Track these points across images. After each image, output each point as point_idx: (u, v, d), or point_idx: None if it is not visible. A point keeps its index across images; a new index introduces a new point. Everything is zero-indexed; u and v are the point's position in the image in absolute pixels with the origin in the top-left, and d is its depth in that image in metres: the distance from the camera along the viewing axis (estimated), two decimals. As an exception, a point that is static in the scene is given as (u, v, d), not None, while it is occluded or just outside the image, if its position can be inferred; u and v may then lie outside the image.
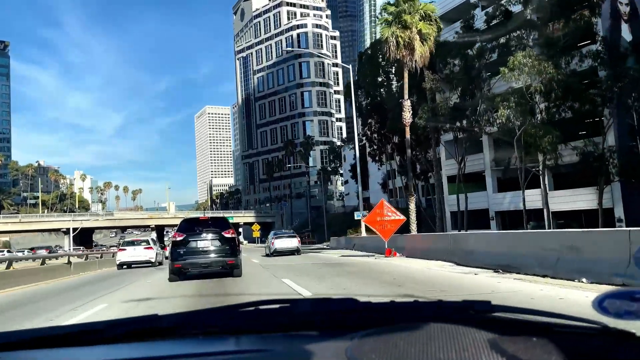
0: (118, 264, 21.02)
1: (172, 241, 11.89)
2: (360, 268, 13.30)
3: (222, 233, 11.42)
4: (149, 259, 21.17)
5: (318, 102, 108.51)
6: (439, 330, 0.85)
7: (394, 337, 0.85)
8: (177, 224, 12.52)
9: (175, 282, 11.09)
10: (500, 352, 0.80)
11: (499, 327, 0.87)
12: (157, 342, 1.04)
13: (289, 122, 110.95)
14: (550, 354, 0.80)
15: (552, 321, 0.92)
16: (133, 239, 24.08)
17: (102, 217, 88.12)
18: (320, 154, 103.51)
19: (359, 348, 0.84)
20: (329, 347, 0.88)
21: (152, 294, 9.53)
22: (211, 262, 11.21)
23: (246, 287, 9.68)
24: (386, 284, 8.97)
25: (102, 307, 7.68)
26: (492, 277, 9.13)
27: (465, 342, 0.82)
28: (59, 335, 1.07)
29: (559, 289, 6.98)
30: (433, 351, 0.80)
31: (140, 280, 13.62)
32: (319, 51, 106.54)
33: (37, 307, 8.62)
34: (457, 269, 10.98)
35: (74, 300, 9.11)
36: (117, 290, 10.87)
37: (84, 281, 15.15)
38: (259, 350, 0.93)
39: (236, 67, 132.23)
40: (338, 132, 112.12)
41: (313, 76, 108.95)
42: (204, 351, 0.95)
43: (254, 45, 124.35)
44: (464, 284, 8.48)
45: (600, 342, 0.87)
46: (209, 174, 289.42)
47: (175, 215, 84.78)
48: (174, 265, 11.18)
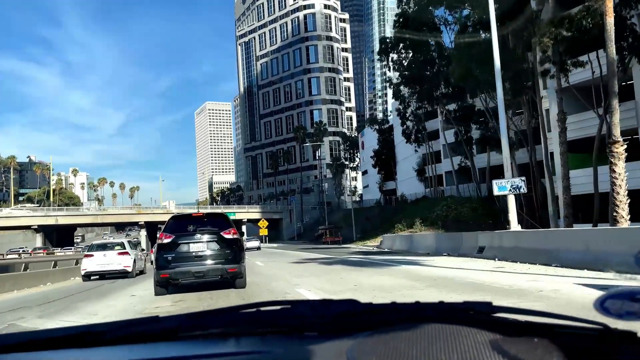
0: (83, 274, 18.10)
1: (157, 244, 10.21)
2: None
3: (220, 233, 9.97)
4: (124, 268, 18.07)
5: (327, 89, 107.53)
6: (440, 331, 0.91)
7: (395, 338, 0.91)
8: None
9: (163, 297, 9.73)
10: (502, 353, 0.84)
11: (501, 328, 0.94)
12: (157, 344, 1.11)
13: (295, 111, 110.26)
14: (552, 355, 0.84)
15: (554, 322, 0.98)
16: (105, 242, 20.80)
17: (82, 213, 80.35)
18: (330, 145, 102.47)
19: (360, 350, 0.90)
20: (329, 349, 0.94)
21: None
22: (207, 271, 9.71)
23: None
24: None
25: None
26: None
27: (466, 343, 0.87)
28: (58, 338, 1.14)
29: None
30: (434, 353, 0.85)
31: (104, 300, 10.77)
32: (327, 34, 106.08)
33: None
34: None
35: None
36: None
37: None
38: (259, 351, 0.99)
39: (237, 54, 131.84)
40: (348, 122, 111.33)
41: (321, 61, 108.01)
42: (205, 353, 1.02)
43: (257, 29, 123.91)
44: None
45: (602, 343, 0.92)
46: (209, 171, 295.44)
47: (169, 210, 78.83)
48: (160, 275, 9.74)
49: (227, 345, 1.07)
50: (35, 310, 9.42)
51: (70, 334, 1.15)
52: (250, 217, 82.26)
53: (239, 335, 1.09)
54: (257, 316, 1.11)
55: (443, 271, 12.45)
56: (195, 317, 1.15)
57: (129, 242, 20.45)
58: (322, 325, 1.04)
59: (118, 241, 20.28)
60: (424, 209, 45.52)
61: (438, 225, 37.94)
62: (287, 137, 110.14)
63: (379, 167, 71.85)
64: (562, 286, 8.06)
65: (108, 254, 18.22)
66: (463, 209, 39.01)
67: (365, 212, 64.08)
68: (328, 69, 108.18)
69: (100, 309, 9.03)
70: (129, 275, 18.05)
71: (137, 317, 7.01)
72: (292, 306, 1.13)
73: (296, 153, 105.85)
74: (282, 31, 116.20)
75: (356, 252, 28.14)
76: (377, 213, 61.15)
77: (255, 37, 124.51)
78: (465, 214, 37.96)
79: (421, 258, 18.09)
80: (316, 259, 21.48)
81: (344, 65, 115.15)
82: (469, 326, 0.92)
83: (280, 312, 1.11)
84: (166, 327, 1.12)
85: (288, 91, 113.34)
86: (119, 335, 1.13)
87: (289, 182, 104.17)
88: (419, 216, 42.44)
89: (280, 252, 36.46)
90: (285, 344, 1.04)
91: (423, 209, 45.30)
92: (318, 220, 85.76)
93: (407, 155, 61.92)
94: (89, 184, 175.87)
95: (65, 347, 1.12)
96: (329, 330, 1.02)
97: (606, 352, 0.90)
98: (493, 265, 13.21)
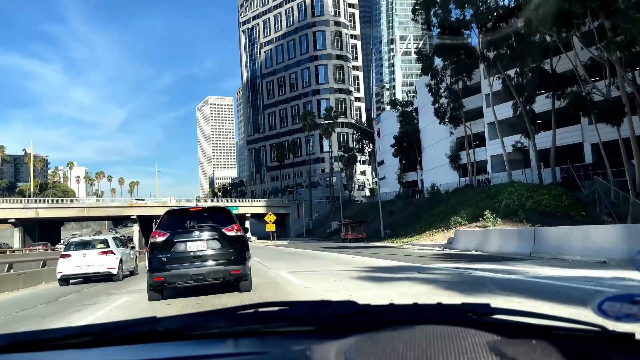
0: (59, 277, 16.33)
1: (150, 243, 9.49)
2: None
3: (222, 230, 9.38)
4: (108, 270, 16.25)
5: (335, 78, 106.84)
6: (439, 332, 0.96)
7: (393, 339, 0.96)
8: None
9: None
10: (500, 354, 0.88)
11: (499, 329, 0.98)
12: (156, 344, 1.17)
13: (302, 100, 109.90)
14: (550, 357, 0.88)
15: (552, 324, 1.02)
16: (85, 239, 18.73)
17: (66, 205, 73.84)
18: (338, 137, 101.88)
19: (358, 351, 0.95)
20: (328, 350, 0.99)
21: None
22: (207, 273, 9.10)
23: None
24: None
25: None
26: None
27: (464, 344, 0.92)
28: (57, 338, 1.20)
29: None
30: (432, 354, 0.90)
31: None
32: (336, 19, 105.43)
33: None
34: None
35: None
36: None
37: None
38: (258, 352, 1.05)
39: (240, 41, 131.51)
40: (357, 114, 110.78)
41: (329, 48, 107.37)
42: (203, 353, 1.08)
43: (261, 14, 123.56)
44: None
45: (600, 345, 0.97)
46: (211, 166, 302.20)
47: (165, 203, 73.41)
48: (154, 278, 9.06)
49: (226, 345, 1.13)
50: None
51: (69, 335, 1.20)
52: (254, 211, 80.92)
53: (237, 335, 1.15)
54: (255, 317, 1.16)
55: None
56: (193, 318, 1.20)
57: (115, 238, 18.49)
58: (321, 326, 1.09)
59: (100, 238, 18.59)
60: (470, 200, 40.07)
61: (519, 216, 31.47)
62: (293, 129, 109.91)
63: (401, 154, 67.64)
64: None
65: (88, 254, 16.40)
66: (541, 198, 33.45)
67: (387, 205, 57.76)
68: (336, 56, 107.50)
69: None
70: (114, 278, 16.40)
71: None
72: (290, 307, 1.18)
73: (302, 145, 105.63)
74: (288, 16, 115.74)
75: (431, 257, 20.11)
76: (402, 206, 56.93)
77: (259, 23, 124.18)
78: (547, 204, 32.54)
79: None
80: (388, 268, 14.49)
81: (353, 53, 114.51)
82: (467, 327, 0.97)
83: (279, 313, 1.17)
84: (165, 328, 1.18)
85: (294, 80, 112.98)
86: (118, 336, 1.19)
87: (295, 175, 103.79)
88: (466, 208, 36.95)
89: (300, 252, 29.48)
90: (284, 345, 1.09)
91: (469, 201, 39.83)
92: (327, 215, 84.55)
93: (436, 140, 57.44)
94: (85, 178, 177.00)
95: (65, 347, 1.18)
96: (328, 331, 1.07)
97: (604, 353, 0.93)
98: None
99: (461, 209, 37.56)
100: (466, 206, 38.07)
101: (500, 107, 43.85)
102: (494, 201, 35.97)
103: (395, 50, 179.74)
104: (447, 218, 37.38)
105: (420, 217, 45.36)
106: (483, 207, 34.02)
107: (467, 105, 48.71)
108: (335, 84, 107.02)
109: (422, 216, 44.91)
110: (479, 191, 43.59)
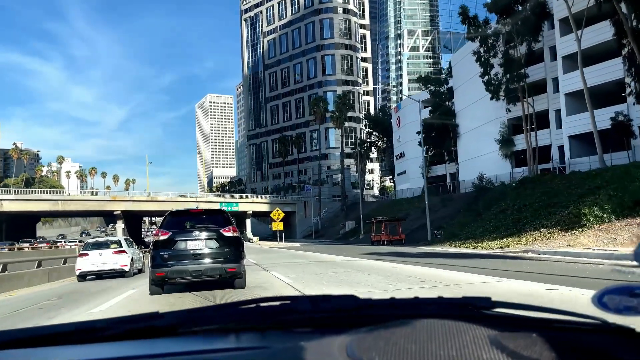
0: (78, 274, 19.29)
1: (153, 241, 10.94)
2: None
3: (220, 231, 10.69)
4: (121, 267, 19.57)
5: (342, 68, 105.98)
6: (439, 326, 1.03)
7: (394, 334, 1.03)
8: (158, 210, 11.38)
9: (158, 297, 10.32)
10: (501, 348, 0.95)
11: (499, 323, 1.05)
12: (157, 339, 1.24)
13: (307, 93, 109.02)
14: (550, 350, 0.94)
15: (552, 317, 1.09)
16: (100, 240, 22.03)
17: (36, 197, 66.67)
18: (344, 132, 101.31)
19: (360, 345, 1.01)
20: (329, 344, 1.05)
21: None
22: (205, 270, 10.42)
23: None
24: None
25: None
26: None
27: (465, 338, 0.98)
28: (58, 333, 1.27)
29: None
30: (433, 348, 0.96)
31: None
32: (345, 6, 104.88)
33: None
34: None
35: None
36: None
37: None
38: (259, 347, 1.11)
39: (242, 30, 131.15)
40: (365, 108, 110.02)
41: (337, 37, 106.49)
42: (205, 348, 1.15)
43: (264, 1, 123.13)
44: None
45: (600, 338, 1.03)
46: (210, 165, 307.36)
47: (154, 197, 70.01)
48: (156, 273, 10.45)
49: (227, 340, 1.20)
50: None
51: (71, 330, 1.27)
52: (255, 208, 78.38)
53: (238, 330, 1.22)
54: (256, 312, 1.23)
55: None
56: (195, 313, 1.27)
57: (126, 239, 21.77)
58: (322, 320, 1.16)
59: (115, 239, 21.79)
60: (551, 194, 30.70)
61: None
62: (297, 122, 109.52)
63: (431, 143, 60.17)
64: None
65: (104, 253, 19.49)
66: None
67: (414, 202, 53.29)
68: (344, 46, 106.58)
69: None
70: (127, 275, 19.49)
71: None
72: (292, 302, 1.25)
73: (307, 140, 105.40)
74: (293, 3, 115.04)
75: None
76: (438, 203, 49.91)
77: (262, 10, 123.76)
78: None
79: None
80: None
81: (362, 43, 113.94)
82: (468, 321, 1.03)
83: (280, 308, 1.23)
84: (166, 323, 1.25)
85: (298, 71, 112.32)
86: (119, 331, 1.26)
87: (299, 172, 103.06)
88: (595, 199, 24.69)
89: (342, 262, 19.21)
90: (285, 340, 1.16)
91: (551, 195, 30.51)
92: (337, 214, 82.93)
93: (479, 124, 51.25)
94: (77, 173, 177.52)
95: (66, 343, 1.25)
96: (329, 326, 1.14)
97: (605, 347, 1.00)
98: None
99: (586, 201, 25.40)
100: (592, 195, 25.96)
101: (591, 69, 36.58)
102: (567, 199, 27.56)
103: (402, 45, 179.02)
104: (568, 214, 25.28)
105: (474, 215, 38.46)
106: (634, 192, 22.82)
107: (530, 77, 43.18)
108: (342, 75, 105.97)
109: (482, 214, 36.94)
110: (556, 182, 33.60)
